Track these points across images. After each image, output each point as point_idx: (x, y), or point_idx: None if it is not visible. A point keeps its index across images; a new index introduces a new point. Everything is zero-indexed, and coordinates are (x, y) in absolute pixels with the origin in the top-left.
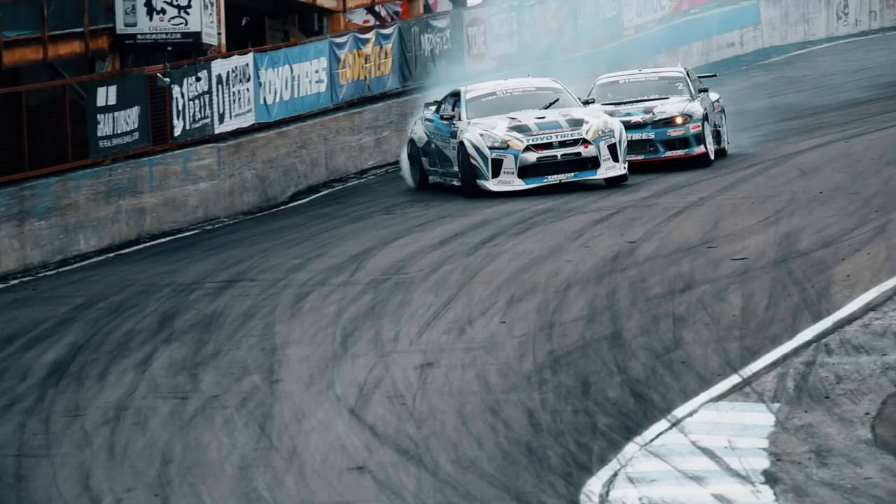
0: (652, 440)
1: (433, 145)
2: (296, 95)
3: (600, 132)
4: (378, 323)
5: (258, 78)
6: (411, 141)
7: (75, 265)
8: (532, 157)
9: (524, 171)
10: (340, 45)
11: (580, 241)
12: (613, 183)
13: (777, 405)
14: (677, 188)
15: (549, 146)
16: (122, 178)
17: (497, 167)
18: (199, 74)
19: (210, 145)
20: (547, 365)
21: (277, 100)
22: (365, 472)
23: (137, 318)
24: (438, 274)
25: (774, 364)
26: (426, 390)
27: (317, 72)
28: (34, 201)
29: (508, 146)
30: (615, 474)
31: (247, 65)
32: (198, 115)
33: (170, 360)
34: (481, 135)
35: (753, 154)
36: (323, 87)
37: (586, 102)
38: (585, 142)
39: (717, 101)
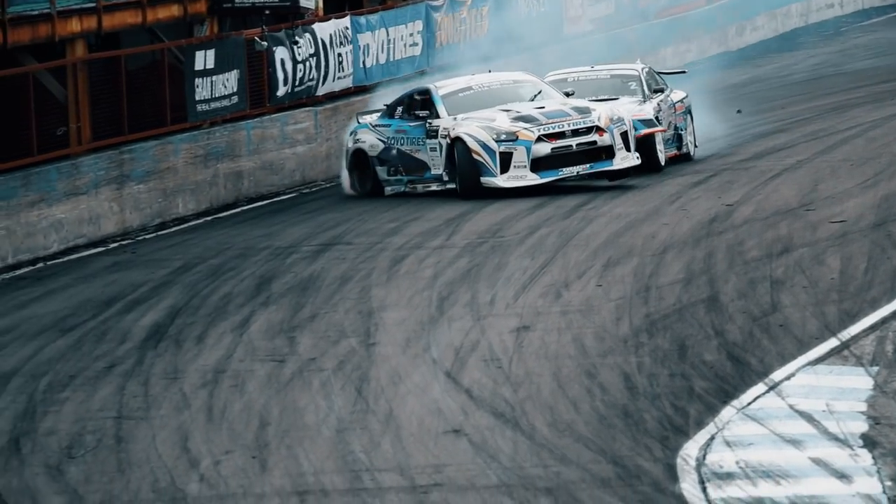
0: (749, 404)
1: (394, 151)
2: (391, 59)
3: (611, 119)
4: (474, 286)
5: (356, 41)
6: (357, 151)
7: (173, 228)
8: (545, 148)
9: (537, 164)
10: (436, 8)
11: (677, 204)
12: (619, 176)
13: (876, 368)
14: (775, 151)
15: (561, 135)
16: (219, 142)
17: (506, 161)
18: (298, 38)
19: (307, 109)
20: (643, 328)
21: (374, 63)
22: (461, 435)
23: (235, 282)
24: (535, 237)
25: (873, 327)
26: (522, 354)
27: (412, 35)
28: (133, 165)
29: (518, 137)
30: (712, 438)
31: (346, 28)
32: (298, 79)
33: (267, 324)
34: (483, 127)
35: (853, 115)
36: (418, 51)
37: (566, 94)
38: (599, 129)
39: (682, 100)
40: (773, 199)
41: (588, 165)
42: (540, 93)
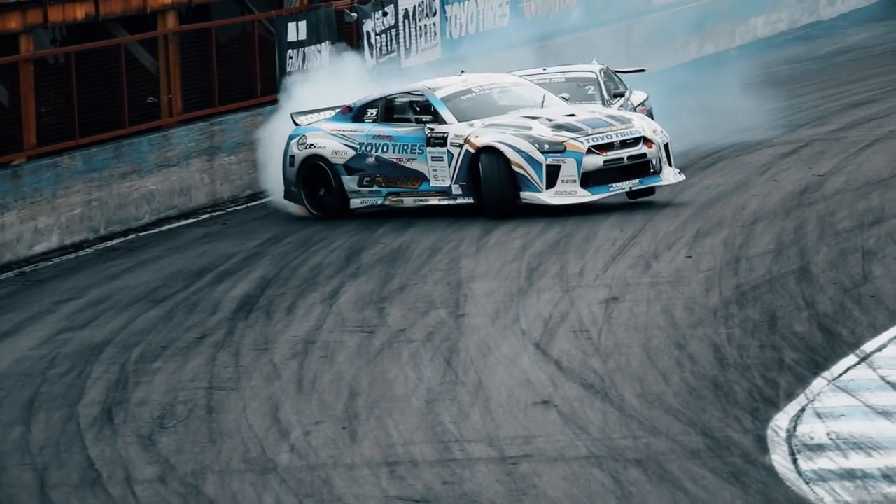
0: (840, 375)
1: (370, 159)
2: (480, 30)
3: (653, 130)
4: (563, 257)
5: (444, 12)
6: (309, 160)
7: (263, 200)
8: (597, 160)
9: (585, 179)
10: None
11: (767, 174)
12: (646, 193)
13: None
14: (866, 121)
15: (610, 147)
16: None
17: (553, 175)
18: (386, 9)
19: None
20: (733, 299)
21: (463, 34)
22: (550, 406)
23: (325, 253)
24: (624, 208)
25: None
26: (611, 325)
27: (501, 6)
28: (224, 136)
29: (566, 148)
30: (802, 409)
31: None
32: (385, 50)
33: (357, 295)
34: (522, 136)
35: None
36: (506, 22)
37: (564, 99)
38: (648, 140)
39: (643, 103)
40: (864, 170)
41: (638, 181)
42: (544, 97)
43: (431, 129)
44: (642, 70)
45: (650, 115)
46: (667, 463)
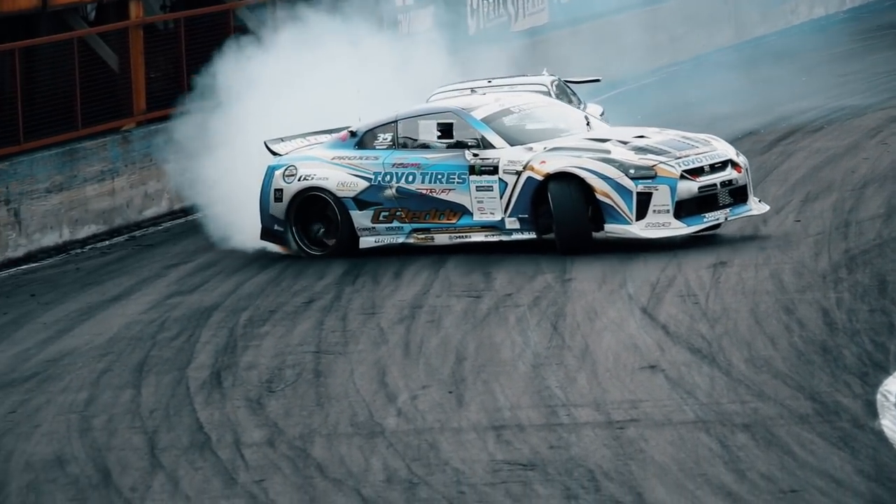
0: None
1: (389, 191)
2: None
3: (735, 153)
4: None
5: None
6: (303, 193)
7: None
8: (691, 187)
9: (678, 209)
10: None
11: (877, 138)
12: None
13: None
14: None
15: (701, 171)
16: None
17: (644, 204)
18: None
19: (498, 45)
20: (843, 264)
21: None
22: (657, 370)
23: None
24: None
25: None
26: (719, 289)
27: None
28: None
29: (657, 173)
30: None
31: None
32: (492, 15)
33: (464, 259)
34: (603, 160)
35: None
36: None
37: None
38: (736, 165)
39: (600, 117)
40: None
41: (729, 209)
42: (587, 117)
43: (475, 155)
44: (597, 80)
45: None
46: (775, 428)
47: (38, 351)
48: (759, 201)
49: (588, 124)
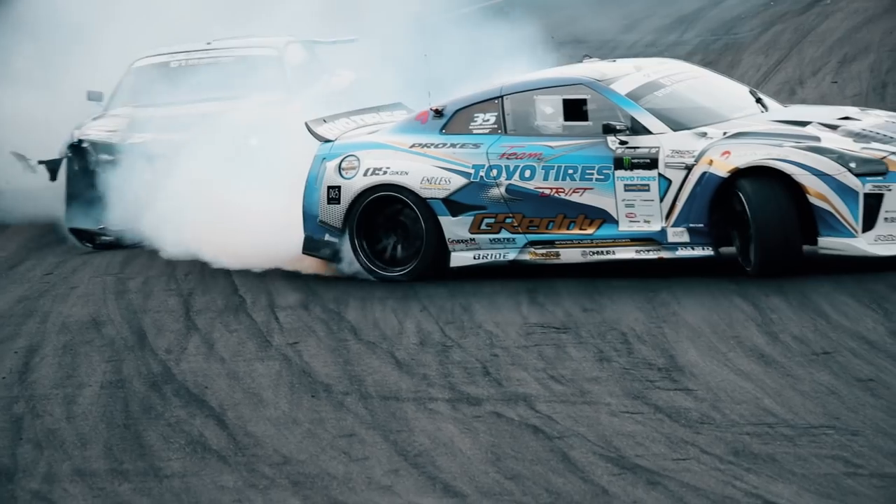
0: None
1: (498, 189)
2: None
3: None
4: None
5: None
6: (375, 189)
7: None
8: None
9: None
10: None
11: None
12: None
13: None
14: None
15: None
16: None
17: (873, 210)
18: None
19: None
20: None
21: None
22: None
23: None
24: (769, 34)
25: None
26: None
27: None
28: None
29: (888, 169)
30: None
31: None
32: None
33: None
34: (810, 149)
35: None
36: None
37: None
38: None
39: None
40: None
41: None
42: (751, 90)
43: (623, 143)
44: (353, 40)
45: None
46: (807, 290)
47: None
48: None
49: (759, 101)
